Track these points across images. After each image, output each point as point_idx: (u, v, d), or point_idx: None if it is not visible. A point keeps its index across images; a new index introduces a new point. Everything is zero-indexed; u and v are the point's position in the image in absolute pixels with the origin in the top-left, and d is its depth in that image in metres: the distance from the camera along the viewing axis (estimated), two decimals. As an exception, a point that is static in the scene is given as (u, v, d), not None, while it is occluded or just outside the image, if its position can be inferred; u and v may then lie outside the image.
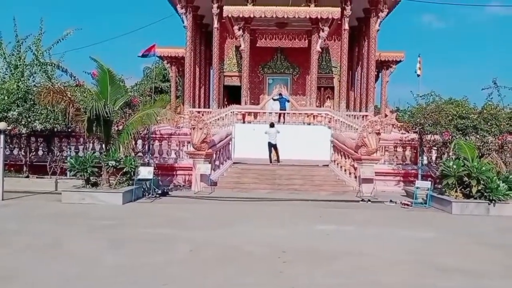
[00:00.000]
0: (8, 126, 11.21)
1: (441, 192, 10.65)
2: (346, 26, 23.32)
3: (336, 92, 26.00)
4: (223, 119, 20.02)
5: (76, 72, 13.90)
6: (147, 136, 13.66)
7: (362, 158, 12.45)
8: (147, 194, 11.10)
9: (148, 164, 12.58)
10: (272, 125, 15.83)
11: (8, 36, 13.61)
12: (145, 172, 10.94)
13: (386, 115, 23.74)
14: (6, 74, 13.31)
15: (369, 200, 11.27)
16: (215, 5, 23.12)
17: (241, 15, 21.15)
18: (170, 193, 11.82)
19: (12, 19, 13.15)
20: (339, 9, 21.11)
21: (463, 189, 10.18)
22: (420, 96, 13.25)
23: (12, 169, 13.07)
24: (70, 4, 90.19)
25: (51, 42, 13.47)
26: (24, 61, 13.05)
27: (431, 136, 12.91)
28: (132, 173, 10.69)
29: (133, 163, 10.70)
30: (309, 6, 22.29)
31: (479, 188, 9.81)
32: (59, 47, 13.82)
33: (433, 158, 13.76)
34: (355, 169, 12.97)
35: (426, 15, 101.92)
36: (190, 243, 6.39)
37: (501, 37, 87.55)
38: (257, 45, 25.10)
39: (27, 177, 12.67)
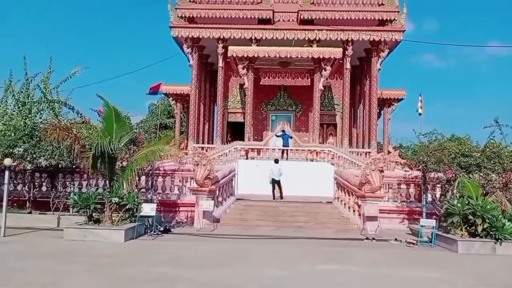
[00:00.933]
0: (14, 162, 11.34)
1: (446, 231, 10.51)
2: (348, 65, 23.84)
3: (339, 129, 26.22)
4: (226, 155, 20.12)
5: (83, 109, 14.22)
6: (150, 172, 13.71)
7: (366, 196, 12.39)
8: (149, 231, 11.02)
9: (151, 201, 12.56)
10: (276, 161, 15.89)
11: (18, 73, 14.05)
12: (148, 209, 10.91)
13: (389, 152, 23.78)
14: (14, 111, 13.59)
15: (373, 239, 11.11)
16: (220, 45, 23.81)
17: (245, 55, 21.73)
18: (172, 230, 11.73)
19: (23, 58, 13.57)
20: (340, 49, 21.65)
21: (468, 228, 10.05)
22: (423, 135, 13.34)
23: (15, 204, 13.07)
24: (79, 42, 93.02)
25: (59, 79, 13.88)
26: (32, 99, 13.37)
27: (434, 174, 12.87)
28: (135, 209, 10.67)
29: (136, 199, 10.70)
30: (311, 46, 22.89)
31: (485, 226, 9.69)
32: (67, 84, 14.23)
33: (437, 195, 13.65)
34: (359, 206, 12.88)
35: (426, 55, 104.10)
36: (191, 283, 6.29)
37: (500, 76, 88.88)
38: (261, 83, 25.62)
39: (30, 213, 12.65)
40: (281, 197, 15.17)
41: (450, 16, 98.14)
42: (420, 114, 24.25)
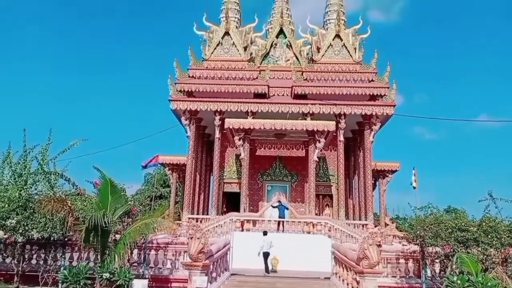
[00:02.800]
0: (5, 235, 11.13)
1: (448, 309, 10.15)
2: (341, 138, 24.43)
3: (335, 200, 26.17)
4: (221, 227, 19.80)
5: (79, 179, 14.22)
6: (143, 245, 13.41)
7: (364, 271, 12.05)
8: (139, 309, 10.54)
9: (143, 276, 12.17)
10: (265, 233, 15.68)
11: (17, 145, 14.25)
12: (139, 286, 10.56)
13: (386, 224, 23.59)
14: (10, 182, 13.58)
15: (373, 318, 10.65)
16: (217, 118, 24.52)
17: (241, 127, 22.29)
18: (163, 308, 11.22)
19: (23, 130, 13.85)
20: (333, 122, 22.32)
21: (470, 306, 9.73)
22: (418, 208, 13.37)
23: (1, 278, 12.60)
24: (78, 112, 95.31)
25: (57, 149, 14.04)
26: (29, 170, 13.44)
27: (432, 248, 12.70)
28: (126, 286, 10.30)
29: (127, 275, 10.37)
30: (305, 119, 23.62)
31: (487, 305, 9.39)
32: (64, 155, 14.36)
33: (437, 271, 13.35)
34: (358, 283, 12.47)
35: (418, 127, 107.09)
36: None
37: (492, 148, 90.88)
38: (257, 153, 26.02)
39: (17, 287, 12.16)
40: (271, 271, 14.84)
41: (439, 89, 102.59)
42: (414, 187, 24.41)
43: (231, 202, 26.23)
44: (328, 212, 25.58)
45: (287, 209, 21.61)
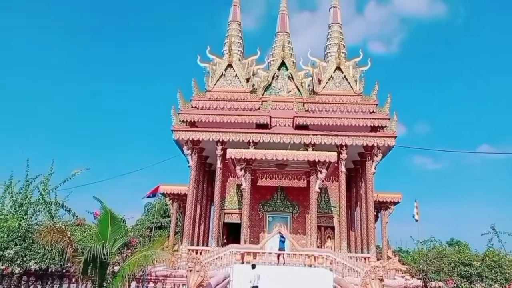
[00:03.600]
0: (2, 266, 10.99)
1: None
2: (343, 169, 24.42)
3: (336, 231, 25.86)
4: (221, 259, 19.53)
5: (79, 209, 14.14)
6: (142, 278, 13.20)
7: (366, 307, 11.81)
8: None
9: (140, 310, 11.89)
10: (253, 267, 15.42)
11: (19, 175, 14.26)
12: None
13: (388, 257, 23.21)
14: (10, 212, 13.52)
15: None
16: (219, 148, 24.63)
17: (243, 157, 22.35)
18: None
19: (26, 160, 13.90)
20: (335, 153, 22.37)
21: None
22: (420, 242, 13.20)
23: (-4, 311, 12.35)
24: (80, 141, 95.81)
25: (58, 178, 14.01)
26: (30, 200, 13.40)
27: (435, 283, 12.44)
28: (122, 321, 10.06)
29: (124, 309, 10.15)
30: (307, 149, 23.70)
31: None
32: (65, 185, 14.34)
33: (441, 307, 13.03)
34: (360, 318, 12.18)
35: (420, 157, 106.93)
36: None
37: (494, 179, 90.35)
38: (258, 184, 25.93)
39: (11, 321, 11.89)
40: None
41: (440, 119, 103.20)
42: (416, 220, 24.18)
43: (231, 233, 25.95)
44: (330, 245, 25.22)
45: (283, 242, 21.10)
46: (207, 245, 26.40)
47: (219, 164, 24.97)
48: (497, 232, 12.90)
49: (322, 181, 23.13)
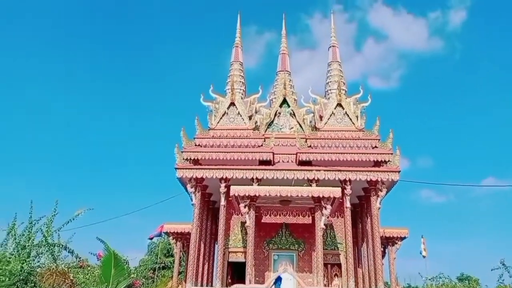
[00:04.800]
0: (2, 311, 10.80)
1: None
2: (348, 204, 24.22)
3: (343, 269, 25.30)
4: (226, 300, 19.06)
5: (83, 250, 14.02)
6: (145, 321, 12.90)
7: None
8: None
9: None
10: None
11: (23, 216, 14.25)
12: None
13: (398, 295, 22.59)
14: (13, 254, 13.41)
15: None
16: (223, 185, 24.59)
17: (247, 194, 22.24)
18: None
19: (30, 202, 13.93)
20: (339, 188, 22.24)
21: None
22: (429, 279, 12.95)
23: None
24: (84, 181, 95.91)
25: (62, 219, 13.99)
26: (33, 242, 13.34)
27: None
28: None
29: None
30: (310, 185, 23.62)
31: None
32: (69, 225, 14.28)
33: None
34: None
35: (425, 191, 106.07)
36: None
37: (500, 212, 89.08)
38: (262, 220, 25.65)
39: None
40: None
41: (444, 152, 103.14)
42: (424, 256, 23.72)
43: (236, 272, 25.44)
44: (337, 283, 24.62)
45: (279, 284, 20.46)
46: (211, 285, 25.82)
47: (222, 202, 24.85)
48: (507, 267, 12.68)
49: (328, 217, 22.89)
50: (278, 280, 20.03)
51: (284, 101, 28.92)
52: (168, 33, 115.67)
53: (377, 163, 24.60)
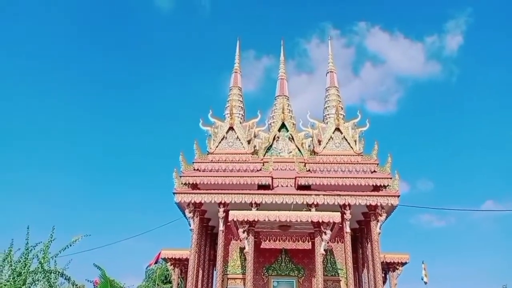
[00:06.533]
0: None
1: None
2: (348, 229, 24.00)
3: (344, 296, 24.85)
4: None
5: (79, 277, 13.81)
6: None
7: None
8: None
9: None
10: None
11: (19, 241, 14.08)
12: None
13: (400, 323, 22.11)
14: (8, 281, 13.19)
15: None
16: (221, 210, 24.44)
17: (246, 219, 22.05)
18: None
19: (26, 228, 13.80)
20: (339, 213, 22.07)
21: None
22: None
23: None
24: (80, 206, 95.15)
25: (58, 244, 13.82)
26: (29, 269, 13.15)
27: None
28: None
29: None
30: (310, 210, 23.48)
31: None
32: (65, 252, 14.10)
33: None
34: None
35: (425, 215, 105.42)
36: None
37: (502, 235, 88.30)
38: (261, 246, 25.36)
39: None
40: None
41: (443, 175, 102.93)
42: (425, 283, 23.36)
43: (235, 300, 24.95)
44: (338, 310, 24.14)
45: None
46: (209, 314, 25.31)
47: (221, 227, 24.62)
48: (510, 293, 12.48)
49: (327, 243, 22.64)
50: None
51: (283, 125, 29.10)
52: (167, 57, 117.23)
53: (376, 188, 24.55)
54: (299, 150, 28.36)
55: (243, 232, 22.41)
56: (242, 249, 24.78)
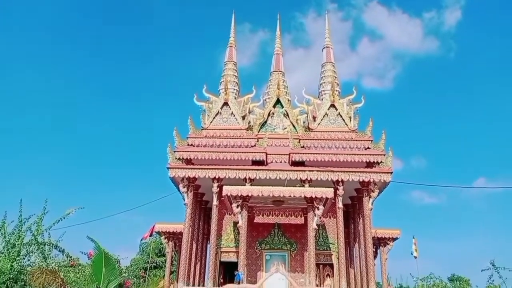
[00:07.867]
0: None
1: None
2: (340, 205, 24.30)
3: (335, 269, 25.39)
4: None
5: (74, 249, 13.89)
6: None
7: None
8: None
9: None
10: None
11: (12, 215, 14.07)
12: None
13: (389, 295, 22.72)
14: (2, 253, 13.25)
15: None
16: (215, 185, 24.55)
17: (239, 194, 22.23)
18: None
19: (19, 201, 13.74)
20: (332, 189, 22.33)
21: None
22: (420, 279, 13.04)
23: None
24: (74, 179, 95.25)
25: (52, 218, 13.82)
26: (23, 241, 13.18)
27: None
28: None
29: None
30: (303, 186, 23.66)
31: None
32: (59, 224, 14.14)
33: None
34: None
35: (417, 192, 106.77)
36: None
37: (492, 212, 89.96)
38: (255, 221, 25.66)
39: None
40: None
41: (436, 152, 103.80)
42: (415, 257, 23.85)
43: (228, 272, 25.38)
44: (329, 283, 24.69)
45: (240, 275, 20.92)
46: (203, 285, 25.78)
47: (215, 202, 24.80)
48: (497, 268, 12.79)
49: (320, 218, 22.95)
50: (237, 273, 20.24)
51: (278, 101, 28.95)
52: (162, 32, 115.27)
53: (369, 164, 24.71)
54: (293, 126, 28.32)
55: (237, 206, 22.61)
56: (235, 223, 25.07)
